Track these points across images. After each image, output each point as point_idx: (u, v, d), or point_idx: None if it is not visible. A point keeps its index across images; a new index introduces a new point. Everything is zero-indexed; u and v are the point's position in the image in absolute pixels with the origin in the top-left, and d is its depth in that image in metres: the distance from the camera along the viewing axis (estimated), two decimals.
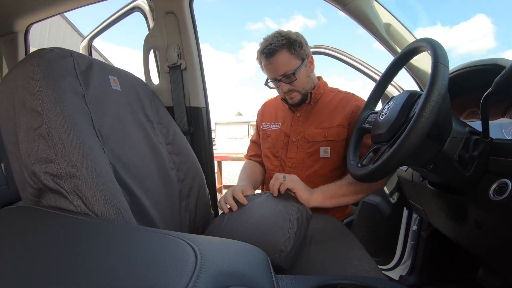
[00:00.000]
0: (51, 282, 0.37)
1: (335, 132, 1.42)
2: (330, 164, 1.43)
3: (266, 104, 1.73)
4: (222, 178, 5.92)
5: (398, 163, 0.81)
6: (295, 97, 1.46)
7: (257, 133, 1.72)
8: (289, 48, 1.35)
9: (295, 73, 1.37)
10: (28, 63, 0.72)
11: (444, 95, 0.77)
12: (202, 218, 1.25)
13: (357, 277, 0.79)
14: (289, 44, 1.35)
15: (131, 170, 0.91)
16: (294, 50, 1.36)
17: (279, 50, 1.34)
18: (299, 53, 1.38)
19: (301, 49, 1.38)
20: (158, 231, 0.52)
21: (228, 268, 0.43)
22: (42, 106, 0.67)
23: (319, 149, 1.43)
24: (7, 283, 0.37)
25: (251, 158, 1.72)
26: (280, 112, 1.60)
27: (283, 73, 1.38)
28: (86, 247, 0.46)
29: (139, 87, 1.14)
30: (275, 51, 1.34)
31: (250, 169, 1.62)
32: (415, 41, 0.98)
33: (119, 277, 0.38)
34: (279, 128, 1.55)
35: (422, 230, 1.63)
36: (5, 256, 0.43)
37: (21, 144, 0.69)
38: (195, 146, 1.47)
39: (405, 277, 1.68)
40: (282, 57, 1.35)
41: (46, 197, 0.68)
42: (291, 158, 1.48)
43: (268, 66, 1.39)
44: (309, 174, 1.45)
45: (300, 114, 1.51)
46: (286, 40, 1.35)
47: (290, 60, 1.36)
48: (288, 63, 1.36)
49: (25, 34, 2.16)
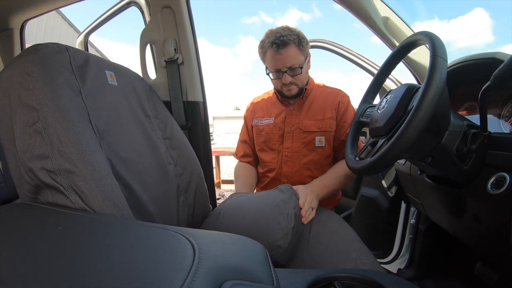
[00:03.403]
0: (50, 279, 0.37)
1: (328, 124, 1.53)
2: (324, 152, 1.54)
3: (254, 102, 1.78)
4: (220, 173, 5.93)
5: (396, 156, 0.81)
6: (293, 90, 1.53)
7: (246, 131, 1.77)
8: (298, 44, 1.43)
9: (301, 67, 1.46)
10: (24, 58, 0.71)
11: (443, 89, 0.77)
12: (200, 213, 1.25)
13: (356, 270, 0.79)
14: (298, 40, 1.43)
15: (128, 165, 0.90)
16: (302, 46, 1.45)
17: (291, 44, 1.41)
18: (305, 50, 1.47)
19: (306, 46, 1.48)
20: (156, 225, 0.52)
21: (226, 262, 0.43)
22: (38, 101, 0.67)
23: (314, 138, 1.53)
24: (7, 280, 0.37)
25: (241, 159, 1.77)
26: (271, 107, 1.67)
27: (290, 66, 1.45)
28: (84, 242, 0.46)
29: (136, 81, 1.14)
30: (287, 43, 1.41)
31: (244, 176, 1.68)
32: (413, 35, 0.98)
33: (118, 272, 0.38)
34: (272, 122, 1.62)
35: (420, 224, 1.64)
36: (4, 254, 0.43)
37: (18, 140, 0.68)
38: (193, 141, 1.47)
39: (403, 270, 1.68)
40: (292, 50, 1.42)
41: (43, 194, 0.68)
42: (287, 148, 1.57)
43: (276, 57, 1.45)
44: (305, 162, 1.55)
45: (293, 107, 1.59)
46: (296, 36, 1.43)
47: (298, 55, 1.44)
48: (296, 57, 1.44)
49: (21, 30, 2.15)
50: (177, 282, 0.35)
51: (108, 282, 0.36)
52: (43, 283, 0.36)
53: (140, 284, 0.35)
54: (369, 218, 1.89)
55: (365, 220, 1.91)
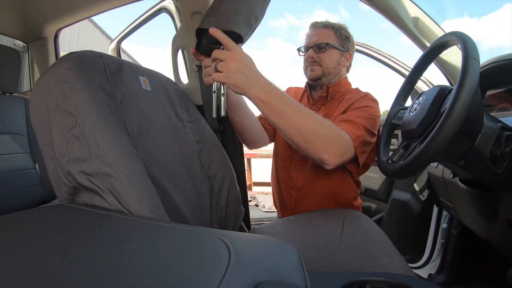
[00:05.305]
0: (89, 279, 0.38)
1: None
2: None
3: (288, 90, 1.74)
4: (252, 175, 5.94)
5: (429, 159, 0.80)
6: (315, 71, 1.48)
7: None
8: (336, 31, 1.45)
9: (327, 44, 1.43)
10: (60, 66, 0.74)
11: (475, 91, 0.75)
12: (232, 215, 1.26)
13: (387, 274, 0.79)
14: (337, 29, 1.46)
15: (162, 168, 0.92)
16: (340, 35, 1.45)
17: (328, 27, 1.46)
18: (343, 41, 1.46)
19: (346, 40, 1.47)
20: (192, 227, 0.53)
21: (261, 263, 0.44)
22: (75, 107, 0.69)
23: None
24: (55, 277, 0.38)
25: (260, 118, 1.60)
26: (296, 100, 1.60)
27: (318, 42, 1.44)
28: (123, 244, 0.47)
29: (169, 86, 1.16)
30: (325, 25, 1.46)
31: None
32: (444, 35, 0.97)
33: (155, 273, 0.39)
34: None
35: (452, 228, 1.61)
36: (47, 253, 0.44)
37: (56, 145, 0.71)
38: (226, 144, 1.48)
39: (434, 276, 1.66)
40: (326, 31, 1.45)
41: (80, 195, 0.70)
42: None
43: (309, 34, 1.49)
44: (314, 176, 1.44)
45: (316, 107, 1.53)
46: (337, 26, 1.47)
47: (331, 38, 1.45)
48: (327, 38, 1.44)
49: (55, 39, 2.24)
50: (214, 283, 0.36)
51: (145, 283, 0.37)
52: (88, 282, 0.37)
53: (177, 284, 0.36)
54: (401, 221, 1.87)
55: (396, 223, 1.89)
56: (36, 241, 0.48)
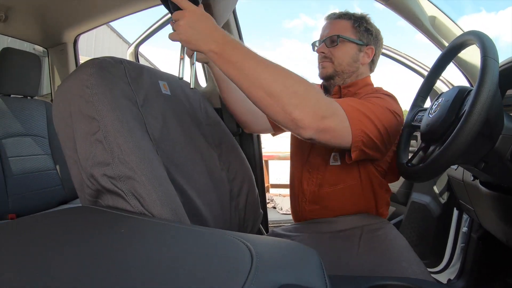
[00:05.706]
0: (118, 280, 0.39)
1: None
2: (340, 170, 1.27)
3: None
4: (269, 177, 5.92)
5: (448, 162, 0.79)
6: (326, 68, 1.29)
7: None
8: (354, 22, 1.25)
9: (339, 37, 1.23)
10: (82, 72, 0.75)
11: (495, 91, 0.75)
12: (251, 217, 1.27)
13: (406, 279, 0.79)
14: (355, 19, 1.26)
15: (183, 172, 0.93)
16: (358, 27, 1.25)
17: (344, 17, 1.26)
18: (361, 34, 1.25)
19: (366, 32, 1.26)
20: (213, 230, 0.54)
21: (282, 266, 0.45)
22: (98, 112, 0.71)
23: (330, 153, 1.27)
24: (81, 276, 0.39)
25: None
26: None
27: (330, 35, 1.25)
28: (149, 246, 0.48)
29: (188, 90, 1.17)
30: (340, 16, 1.27)
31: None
32: (462, 35, 0.96)
33: (177, 276, 0.40)
34: None
35: (473, 232, 1.58)
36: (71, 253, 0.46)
37: (79, 148, 0.73)
38: (244, 146, 1.49)
39: (453, 281, 1.63)
40: (341, 23, 1.26)
41: (103, 198, 0.72)
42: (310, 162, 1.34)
43: (324, 26, 1.31)
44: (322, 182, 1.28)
45: None
46: (357, 16, 1.26)
47: (347, 30, 1.25)
48: (341, 30, 1.25)
49: (74, 44, 2.29)
50: (237, 286, 0.36)
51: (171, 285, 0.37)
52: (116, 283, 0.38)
53: (202, 287, 0.37)
54: (420, 225, 1.85)
55: (416, 227, 1.87)
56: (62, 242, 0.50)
